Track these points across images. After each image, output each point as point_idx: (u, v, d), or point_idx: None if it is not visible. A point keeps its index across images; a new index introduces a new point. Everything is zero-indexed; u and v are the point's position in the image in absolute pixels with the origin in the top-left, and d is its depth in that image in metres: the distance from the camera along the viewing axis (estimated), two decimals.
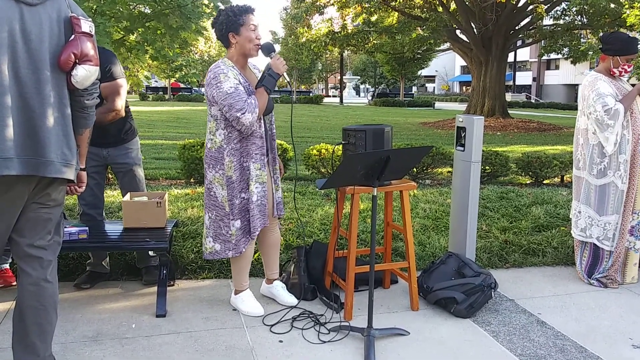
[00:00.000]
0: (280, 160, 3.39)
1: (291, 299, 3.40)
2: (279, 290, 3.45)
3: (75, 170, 2.31)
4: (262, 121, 3.11)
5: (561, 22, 20.88)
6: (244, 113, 2.91)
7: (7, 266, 3.56)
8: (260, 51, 3.10)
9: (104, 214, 3.75)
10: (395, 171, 2.99)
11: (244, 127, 2.97)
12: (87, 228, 3.28)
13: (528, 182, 7.22)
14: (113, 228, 3.50)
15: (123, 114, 3.46)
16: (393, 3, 21.34)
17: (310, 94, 47.01)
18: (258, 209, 3.13)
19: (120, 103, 3.41)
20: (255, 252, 3.99)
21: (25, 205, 2.24)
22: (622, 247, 3.77)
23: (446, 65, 64.91)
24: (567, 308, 3.46)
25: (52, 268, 2.36)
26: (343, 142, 3.34)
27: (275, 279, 3.50)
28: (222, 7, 6.00)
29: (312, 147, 6.98)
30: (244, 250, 3.18)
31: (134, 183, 3.66)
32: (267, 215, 3.20)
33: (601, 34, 3.98)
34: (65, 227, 3.21)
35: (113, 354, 2.77)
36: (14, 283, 3.49)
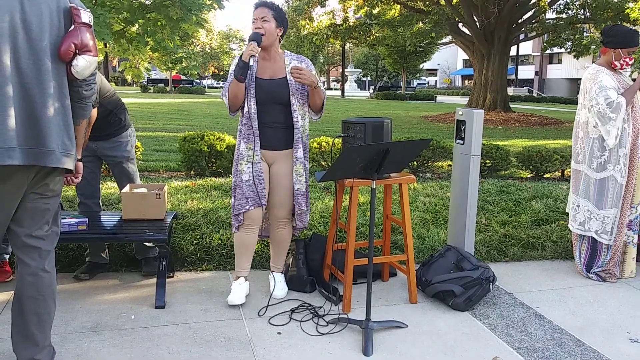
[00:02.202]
0: None
1: (278, 292, 3.42)
2: (272, 281, 3.50)
3: (74, 160, 2.32)
4: (251, 103, 3.19)
5: (564, 15, 20.82)
6: (222, 95, 3.29)
7: (6, 258, 3.56)
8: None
9: (100, 204, 3.75)
10: (394, 164, 2.99)
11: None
12: (86, 219, 3.29)
13: (528, 176, 7.21)
14: (112, 219, 3.50)
15: (87, 142, 3.42)
16: None
17: None
18: (249, 189, 3.23)
19: (87, 134, 3.35)
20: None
21: (24, 195, 2.25)
22: (620, 241, 3.78)
23: (448, 58, 64.74)
24: (565, 302, 3.47)
25: (50, 258, 2.37)
26: (342, 135, 3.34)
27: (275, 271, 3.54)
28: None
29: (312, 139, 6.98)
30: (237, 226, 3.29)
31: (124, 176, 3.66)
32: (262, 195, 3.24)
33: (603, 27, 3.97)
34: (65, 218, 3.22)
35: (112, 344, 2.78)
36: (7, 279, 3.50)
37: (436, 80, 72.26)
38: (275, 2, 3.27)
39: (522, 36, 24.07)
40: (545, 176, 7.14)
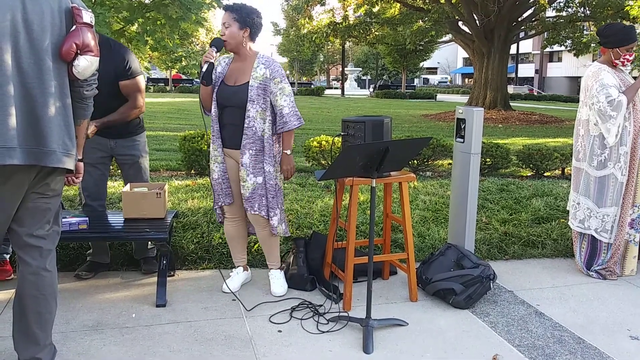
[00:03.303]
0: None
1: (276, 289, 3.44)
2: (271, 278, 3.52)
3: (74, 160, 2.32)
4: (214, 106, 3.32)
5: (564, 13, 20.80)
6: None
7: (7, 257, 3.56)
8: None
9: (105, 205, 3.75)
10: (394, 162, 2.99)
11: None
12: (87, 218, 3.29)
13: (529, 174, 7.22)
14: (113, 218, 3.50)
15: (144, 110, 3.53)
16: None
17: (312, 86, 46.92)
18: (218, 187, 3.41)
19: (141, 100, 3.50)
20: (255, 244, 4.01)
21: (25, 195, 2.25)
22: (620, 239, 3.78)
23: (448, 57, 64.74)
24: (565, 299, 3.47)
25: (51, 257, 2.37)
26: (342, 134, 3.34)
27: (272, 268, 3.55)
28: None
29: (312, 138, 6.98)
30: (220, 220, 3.53)
31: (139, 174, 3.68)
32: (227, 194, 3.41)
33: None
34: (66, 218, 3.22)
35: (113, 343, 2.78)
36: (8, 278, 3.51)
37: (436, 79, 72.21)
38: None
39: (522, 34, 24.05)
40: (545, 174, 7.14)
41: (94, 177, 3.56)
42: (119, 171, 4.09)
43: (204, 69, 3.19)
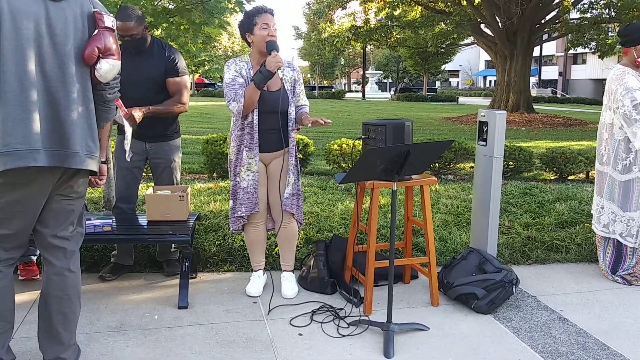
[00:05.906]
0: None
1: (287, 292, 3.45)
2: (283, 281, 3.54)
3: (97, 162, 2.36)
4: (254, 113, 3.24)
5: (588, 15, 20.50)
6: (229, 102, 3.21)
7: (34, 259, 3.63)
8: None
9: (135, 208, 3.79)
10: (415, 166, 2.98)
11: (233, 115, 3.28)
12: (111, 220, 3.34)
13: (552, 177, 7.12)
14: (137, 221, 3.55)
15: (187, 109, 3.62)
16: None
17: (333, 89, 46.94)
18: (246, 196, 3.36)
19: (187, 97, 3.60)
20: (277, 246, 4.02)
21: (49, 196, 2.30)
22: None
23: (470, 59, 64.24)
24: (590, 305, 3.41)
25: (75, 258, 2.42)
26: (363, 137, 3.34)
27: (285, 270, 3.58)
28: (245, 2, 6.03)
29: (333, 142, 6.99)
30: (238, 228, 3.45)
31: (170, 178, 3.71)
32: (255, 203, 3.37)
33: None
34: (90, 220, 3.27)
35: (136, 344, 2.82)
36: (34, 277, 3.58)
37: (458, 82, 71.73)
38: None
39: (545, 36, 23.77)
40: (569, 178, 7.04)
41: (127, 180, 3.61)
42: (147, 174, 4.12)
43: (279, 74, 3.17)
